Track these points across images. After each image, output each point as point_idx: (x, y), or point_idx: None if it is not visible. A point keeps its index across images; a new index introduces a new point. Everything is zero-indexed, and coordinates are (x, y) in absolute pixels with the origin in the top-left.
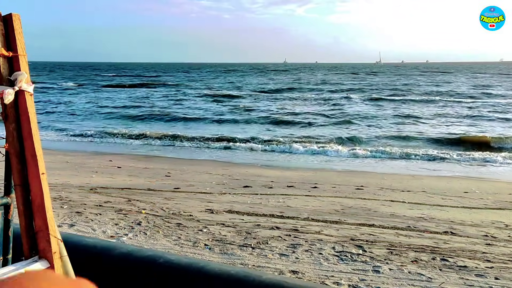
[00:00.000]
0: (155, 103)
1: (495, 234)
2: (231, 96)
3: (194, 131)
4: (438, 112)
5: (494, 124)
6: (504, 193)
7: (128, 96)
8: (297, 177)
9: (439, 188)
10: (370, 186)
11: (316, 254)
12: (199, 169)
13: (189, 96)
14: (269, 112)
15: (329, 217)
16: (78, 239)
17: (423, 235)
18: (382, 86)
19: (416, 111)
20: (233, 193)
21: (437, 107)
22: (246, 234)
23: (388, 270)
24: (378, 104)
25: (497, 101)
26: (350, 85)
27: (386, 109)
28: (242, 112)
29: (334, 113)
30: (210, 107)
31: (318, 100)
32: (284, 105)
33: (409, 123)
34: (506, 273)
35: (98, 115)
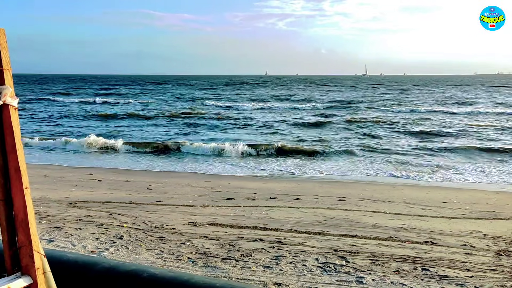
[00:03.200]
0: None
1: (474, 244)
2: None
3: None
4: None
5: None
6: (481, 203)
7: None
8: (279, 188)
9: (419, 198)
10: (352, 197)
11: (300, 266)
12: (181, 181)
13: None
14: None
15: (312, 228)
16: (60, 254)
17: (405, 245)
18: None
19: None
20: (216, 206)
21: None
22: (230, 247)
23: (371, 280)
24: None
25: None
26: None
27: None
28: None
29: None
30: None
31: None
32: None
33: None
34: (485, 282)
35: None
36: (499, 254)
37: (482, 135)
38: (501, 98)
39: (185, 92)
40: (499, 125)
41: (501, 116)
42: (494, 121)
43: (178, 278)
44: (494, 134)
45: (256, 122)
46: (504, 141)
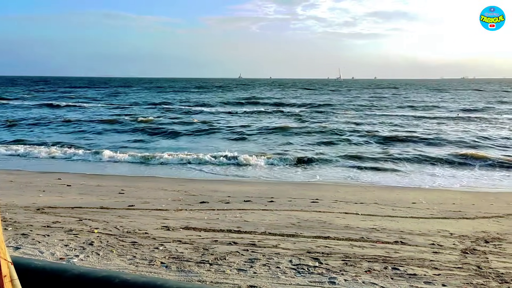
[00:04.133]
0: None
1: (441, 243)
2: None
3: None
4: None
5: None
6: (448, 203)
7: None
8: (253, 191)
9: (389, 199)
10: (325, 199)
11: (274, 268)
12: (154, 185)
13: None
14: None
15: (286, 230)
16: (27, 261)
17: (376, 246)
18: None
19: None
20: (190, 209)
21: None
22: (204, 251)
23: (343, 281)
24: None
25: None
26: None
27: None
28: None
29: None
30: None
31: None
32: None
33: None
34: (452, 280)
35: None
36: (465, 253)
37: (445, 137)
38: (466, 103)
39: (151, 96)
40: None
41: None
42: (455, 125)
43: (151, 283)
44: (458, 136)
45: (225, 127)
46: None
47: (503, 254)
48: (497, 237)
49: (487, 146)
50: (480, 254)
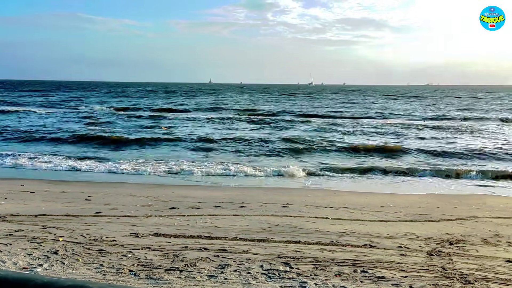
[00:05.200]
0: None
1: (408, 245)
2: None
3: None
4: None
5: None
6: (414, 206)
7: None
8: (224, 196)
9: (358, 203)
10: (295, 204)
11: (245, 274)
12: (123, 191)
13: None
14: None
15: (257, 235)
16: None
17: (345, 249)
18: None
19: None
20: (159, 216)
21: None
22: (173, 257)
23: (313, 285)
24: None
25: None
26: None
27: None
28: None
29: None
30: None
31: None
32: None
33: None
34: (418, 281)
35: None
36: (430, 254)
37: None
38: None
39: (112, 100)
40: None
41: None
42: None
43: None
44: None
45: (190, 136)
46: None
47: (467, 256)
48: (460, 239)
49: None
50: (445, 256)
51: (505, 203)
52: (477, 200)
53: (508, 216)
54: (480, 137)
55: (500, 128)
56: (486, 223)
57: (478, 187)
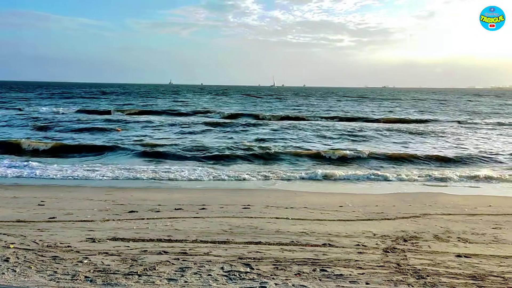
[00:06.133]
0: None
1: (366, 243)
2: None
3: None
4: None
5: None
6: (372, 205)
7: None
8: (185, 199)
9: (318, 203)
10: (256, 205)
11: (205, 276)
12: (79, 195)
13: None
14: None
15: (218, 237)
16: None
17: (305, 249)
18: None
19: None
20: (118, 219)
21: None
22: (132, 262)
23: (274, 285)
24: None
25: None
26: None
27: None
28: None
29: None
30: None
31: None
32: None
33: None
34: (375, 278)
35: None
36: (386, 251)
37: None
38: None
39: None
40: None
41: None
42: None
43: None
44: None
45: (141, 140)
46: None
47: (420, 252)
48: (414, 235)
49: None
50: (400, 252)
51: (455, 201)
52: (429, 199)
53: (458, 213)
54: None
55: (450, 130)
56: (437, 220)
57: (430, 186)
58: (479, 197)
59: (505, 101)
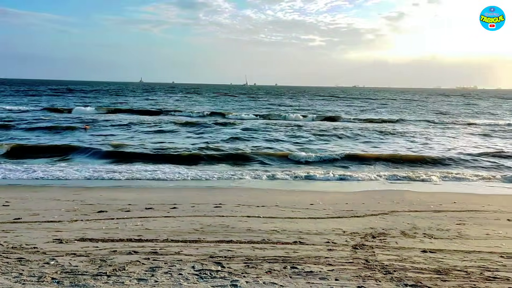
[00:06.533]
0: None
1: (335, 240)
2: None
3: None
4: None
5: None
6: (342, 203)
7: None
8: (155, 198)
9: (289, 201)
10: (228, 204)
11: (176, 275)
12: (45, 195)
13: None
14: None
15: (189, 236)
16: None
17: (276, 247)
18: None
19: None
20: (86, 220)
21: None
22: (101, 262)
23: (245, 283)
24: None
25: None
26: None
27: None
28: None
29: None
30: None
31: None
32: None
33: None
34: (344, 274)
35: None
36: (355, 248)
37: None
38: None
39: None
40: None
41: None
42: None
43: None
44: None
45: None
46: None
47: (387, 248)
48: (382, 232)
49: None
50: (368, 249)
51: (422, 198)
52: (397, 196)
53: (424, 209)
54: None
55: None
56: (405, 216)
57: (398, 184)
58: (444, 194)
59: (470, 100)
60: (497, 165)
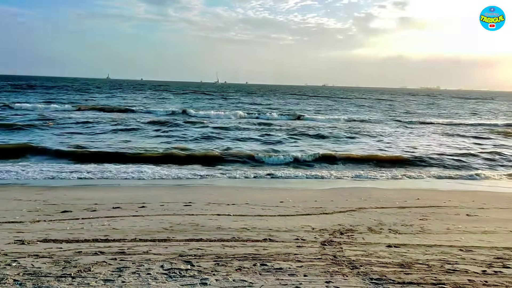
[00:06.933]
0: None
1: (304, 237)
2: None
3: None
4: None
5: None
6: (311, 200)
7: None
8: (123, 197)
9: (259, 199)
10: (198, 202)
11: (144, 275)
12: (5, 195)
13: None
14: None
15: (158, 235)
16: None
17: (246, 244)
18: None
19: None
20: (49, 220)
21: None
22: (65, 263)
23: (214, 281)
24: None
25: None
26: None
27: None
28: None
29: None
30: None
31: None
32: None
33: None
34: (312, 270)
35: None
36: (324, 245)
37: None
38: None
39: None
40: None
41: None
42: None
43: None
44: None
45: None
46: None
47: (355, 244)
48: (350, 228)
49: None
50: (336, 245)
51: (388, 195)
52: (365, 193)
53: (390, 206)
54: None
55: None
56: (371, 213)
57: (365, 181)
58: (409, 191)
59: (434, 100)
60: (460, 162)
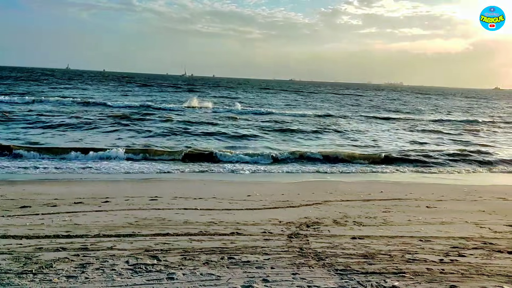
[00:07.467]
0: None
1: (271, 230)
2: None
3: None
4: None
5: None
6: (278, 194)
7: None
8: (86, 192)
9: (227, 193)
10: (165, 196)
11: (109, 271)
12: None
13: None
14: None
15: (123, 230)
16: None
17: (214, 238)
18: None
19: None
20: (8, 216)
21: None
22: (26, 260)
23: (182, 275)
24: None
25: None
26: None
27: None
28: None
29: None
30: None
31: None
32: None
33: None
34: (279, 262)
35: None
36: (290, 237)
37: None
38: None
39: None
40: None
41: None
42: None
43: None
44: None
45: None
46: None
47: (320, 236)
48: (316, 221)
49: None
50: (303, 238)
51: (353, 188)
52: (330, 186)
53: (355, 199)
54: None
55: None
56: (337, 206)
57: (331, 175)
58: (373, 184)
59: (399, 96)
60: (422, 157)
